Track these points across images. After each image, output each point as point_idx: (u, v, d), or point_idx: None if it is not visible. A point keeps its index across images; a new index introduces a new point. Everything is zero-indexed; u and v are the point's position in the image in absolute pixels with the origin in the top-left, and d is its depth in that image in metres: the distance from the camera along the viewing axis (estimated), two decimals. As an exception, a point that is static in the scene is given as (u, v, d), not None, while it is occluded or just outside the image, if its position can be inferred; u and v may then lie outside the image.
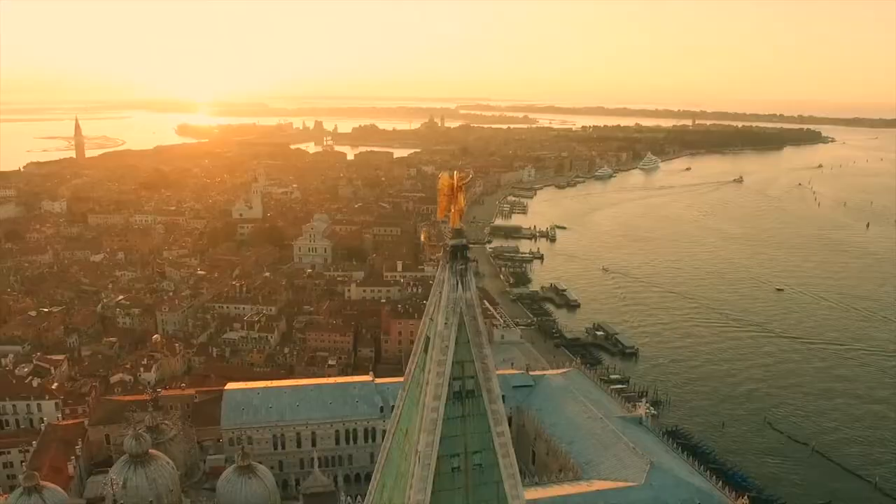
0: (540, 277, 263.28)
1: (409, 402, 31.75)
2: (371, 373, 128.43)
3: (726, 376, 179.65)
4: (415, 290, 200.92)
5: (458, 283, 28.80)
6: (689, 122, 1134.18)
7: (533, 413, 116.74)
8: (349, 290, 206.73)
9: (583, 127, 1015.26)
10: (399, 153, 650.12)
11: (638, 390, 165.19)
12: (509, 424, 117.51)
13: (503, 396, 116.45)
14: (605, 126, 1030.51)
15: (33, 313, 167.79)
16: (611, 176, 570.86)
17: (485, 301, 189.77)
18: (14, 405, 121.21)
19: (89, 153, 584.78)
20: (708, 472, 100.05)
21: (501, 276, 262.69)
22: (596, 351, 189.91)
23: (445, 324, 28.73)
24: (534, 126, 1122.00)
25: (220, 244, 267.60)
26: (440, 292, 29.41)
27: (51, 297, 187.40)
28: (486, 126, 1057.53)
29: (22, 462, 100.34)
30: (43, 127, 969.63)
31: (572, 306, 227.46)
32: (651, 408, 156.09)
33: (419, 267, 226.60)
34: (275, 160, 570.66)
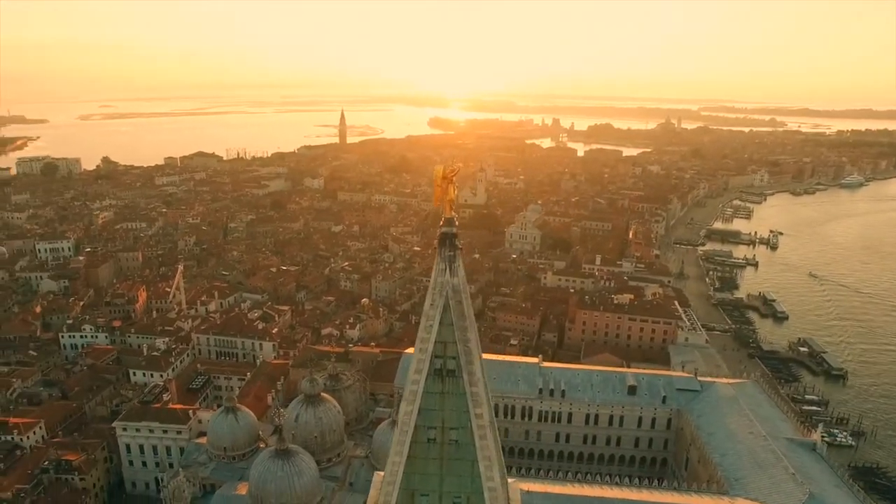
0: (750, 285, 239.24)
1: (410, 374, 32.24)
2: (540, 356, 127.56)
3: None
4: (607, 283, 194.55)
5: (446, 269, 28.74)
6: None
7: (692, 419, 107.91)
8: (546, 278, 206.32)
9: (838, 131, 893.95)
10: (629, 152, 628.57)
11: (837, 416, 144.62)
12: (667, 426, 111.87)
13: (664, 397, 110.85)
14: (866, 130, 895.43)
15: (274, 270, 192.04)
16: (861, 184, 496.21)
17: (675, 302, 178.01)
18: (242, 342, 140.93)
19: (351, 139, 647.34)
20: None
21: (707, 280, 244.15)
22: (796, 367, 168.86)
23: (431, 304, 28.87)
24: (780, 129, 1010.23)
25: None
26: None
27: (292, 258, 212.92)
28: (725, 128, 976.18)
29: (239, 387, 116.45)
30: (318, 117, 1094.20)
31: (779, 318, 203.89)
32: (849, 437, 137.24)
33: (618, 262, 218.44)
34: (509, 153, 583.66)
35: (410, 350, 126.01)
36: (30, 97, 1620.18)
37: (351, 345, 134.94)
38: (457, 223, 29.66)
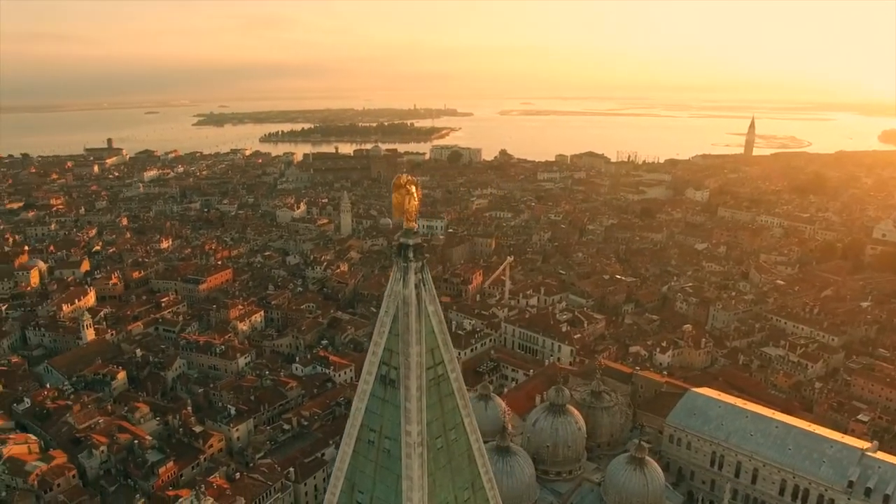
0: None
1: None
2: (876, 442, 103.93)
3: None
4: None
5: (400, 278, 30.17)
6: None
7: None
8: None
9: None
10: None
11: None
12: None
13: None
14: None
15: (607, 277, 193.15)
16: None
17: None
18: (543, 339, 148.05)
19: (763, 151, 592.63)
20: None
21: None
22: None
23: (385, 312, 30.73)
24: None
25: (831, 261, 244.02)
26: (394, 283, 31.06)
27: (634, 269, 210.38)
28: None
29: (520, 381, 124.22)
30: (733, 124, 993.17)
31: None
32: None
33: None
34: None
35: (702, 389, 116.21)
36: (461, 93, 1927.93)
37: (637, 368, 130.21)
38: (417, 234, 30.64)
